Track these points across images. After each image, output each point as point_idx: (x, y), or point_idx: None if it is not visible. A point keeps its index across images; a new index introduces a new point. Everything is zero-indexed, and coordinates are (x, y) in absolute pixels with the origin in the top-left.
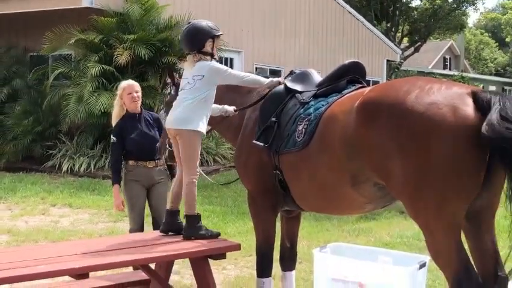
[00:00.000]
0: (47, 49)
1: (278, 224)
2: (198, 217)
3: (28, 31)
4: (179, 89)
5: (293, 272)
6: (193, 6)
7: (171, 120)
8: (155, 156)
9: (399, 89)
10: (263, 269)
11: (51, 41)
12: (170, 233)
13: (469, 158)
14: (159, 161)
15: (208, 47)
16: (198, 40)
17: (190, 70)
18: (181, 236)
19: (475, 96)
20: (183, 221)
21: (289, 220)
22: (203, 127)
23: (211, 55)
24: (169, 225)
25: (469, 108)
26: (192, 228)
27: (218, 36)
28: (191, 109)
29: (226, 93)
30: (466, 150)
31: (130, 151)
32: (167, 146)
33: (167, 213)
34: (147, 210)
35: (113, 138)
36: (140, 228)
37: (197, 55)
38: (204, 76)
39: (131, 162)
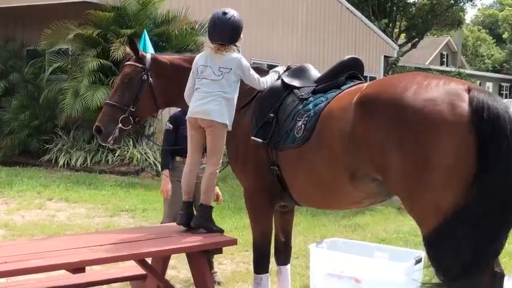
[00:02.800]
0: (46, 45)
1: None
2: (211, 208)
3: (25, 25)
4: (197, 75)
5: (288, 266)
6: (190, 1)
7: (203, 111)
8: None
9: (397, 84)
10: (260, 265)
11: (49, 37)
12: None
13: (466, 153)
14: (204, 158)
15: (240, 39)
16: (240, 34)
17: (215, 59)
18: (183, 229)
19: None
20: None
21: (283, 214)
22: (231, 122)
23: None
24: (187, 216)
25: (466, 104)
26: (204, 219)
27: None
28: (224, 104)
29: None
30: (463, 146)
31: (178, 144)
32: (119, 125)
33: (185, 205)
34: None
35: (169, 125)
36: None
37: (231, 46)
38: (231, 69)
39: (177, 159)
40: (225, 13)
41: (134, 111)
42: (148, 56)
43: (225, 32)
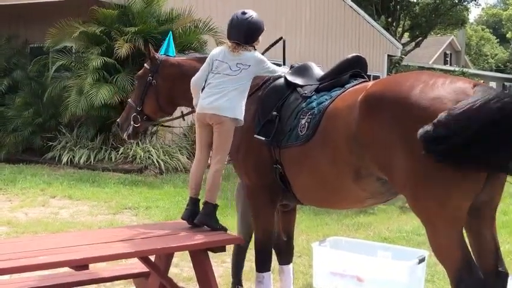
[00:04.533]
0: (50, 43)
1: None
2: (216, 207)
3: (29, 22)
4: (212, 69)
5: (290, 265)
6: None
7: (213, 107)
8: None
9: (403, 83)
10: (262, 264)
11: (54, 35)
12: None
13: None
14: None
15: (258, 41)
16: (257, 35)
17: (232, 56)
18: (187, 227)
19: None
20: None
21: (285, 214)
22: (243, 115)
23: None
24: (192, 212)
25: None
26: (208, 217)
27: None
28: (235, 98)
29: None
30: None
31: None
32: (131, 122)
33: (191, 201)
34: None
35: None
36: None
37: (247, 47)
38: (250, 66)
39: None
40: (244, 13)
41: (141, 110)
42: (160, 58)
43: (241, 31)
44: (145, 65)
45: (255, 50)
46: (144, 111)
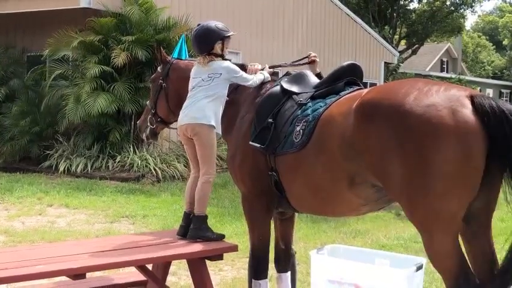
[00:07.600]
0: (49, 52)
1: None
2: (206, 218)
3: (26, 31)
4: (191, 87)
5: (288, 273)
6: (190, 8)
7: (188, 118)
8: None
9: (397, 90)
10: (259, 271)
11: (52, 44)
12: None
13: (467, 159)
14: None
15: (217, 48)
16: (207, 42)
17: (203, 69)
18: (180, 237)
19: (472, 99)
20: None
21: (283, 222)
22: (219, 125)
23: (221, 56)
24: (187, 228)
25: (467, 110)
26: (199, 229)
27: (228, 37)
28: (207, 106)
29: None
30: (464, 152)
31: None
32: (148, 123)
33: (184, 216)
34: None
35: None
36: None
37: (207, 57)
38: (221, 74)
39: None
40: (198, 25)
41: (155, 112)
42: (171, 61)
43: (195, 44)
44: (158, 68)
45: (226, 60)
46: (157, 113)
